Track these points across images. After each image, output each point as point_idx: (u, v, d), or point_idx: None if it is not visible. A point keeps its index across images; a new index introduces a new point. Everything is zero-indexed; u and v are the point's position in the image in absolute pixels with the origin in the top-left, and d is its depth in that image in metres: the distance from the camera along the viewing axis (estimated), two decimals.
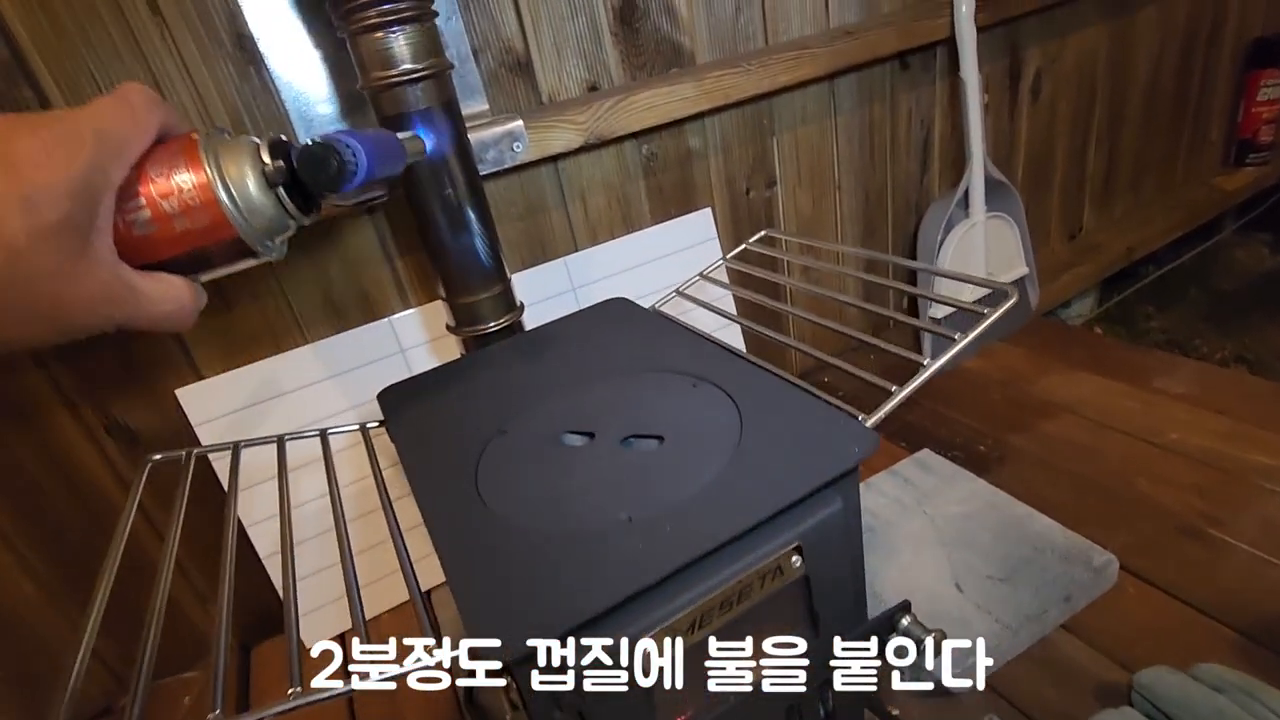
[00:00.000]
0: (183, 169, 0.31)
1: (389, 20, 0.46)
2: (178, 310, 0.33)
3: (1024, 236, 1.00)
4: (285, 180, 0.34)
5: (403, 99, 0.49)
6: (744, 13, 0.80)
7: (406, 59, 0.48)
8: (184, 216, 0.31)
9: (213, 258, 0.34)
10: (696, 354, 0.47)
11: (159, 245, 0.32)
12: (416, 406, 0.48)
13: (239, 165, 0.32)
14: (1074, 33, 1.08)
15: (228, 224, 0.32)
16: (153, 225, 0.31)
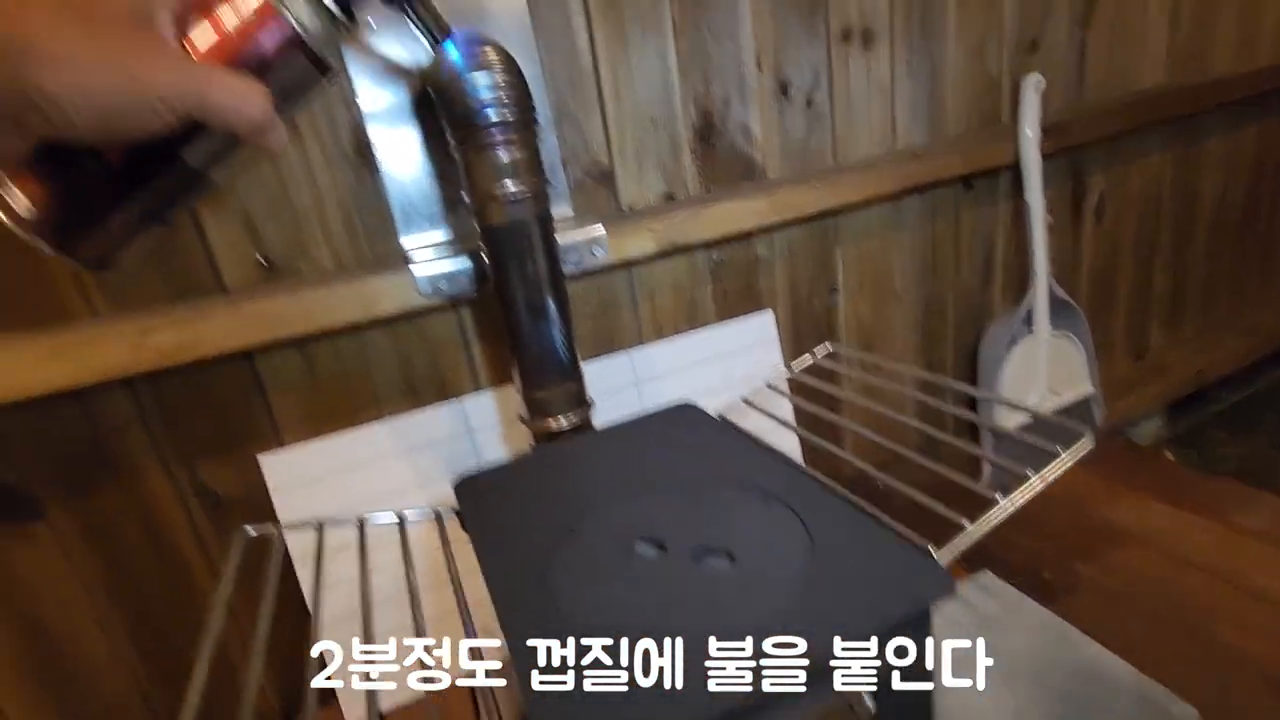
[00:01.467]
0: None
1: (500, 143, 0.51)
2: (246, 89, 0.33)
3: (1089, 355, 0.99)
4: None
5: (504, 212, 0.53)
6: (814, 134, 0.84)
7: (510, 178, 0.52)
8: (239, 21, 0.34)
9: (270, 60, 0.35)
10: (764, 468, 0.48)
11: (219, 51, 0.34)
12: (491, 499, 0.50)
13: None
14: (1138, 160, 1.10)
15: (275, 13, 0.34)
16: (211, 34, 0.34)
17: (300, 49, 0.35)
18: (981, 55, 0.93)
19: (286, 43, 0.35)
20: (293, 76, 0.36)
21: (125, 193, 0.35)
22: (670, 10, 0.73)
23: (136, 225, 0.36)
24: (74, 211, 0.34)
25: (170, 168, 0.35)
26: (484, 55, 0.52)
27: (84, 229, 0.35)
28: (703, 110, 0.78)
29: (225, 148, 0.36)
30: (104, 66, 0.29)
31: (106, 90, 0.29)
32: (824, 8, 0.81)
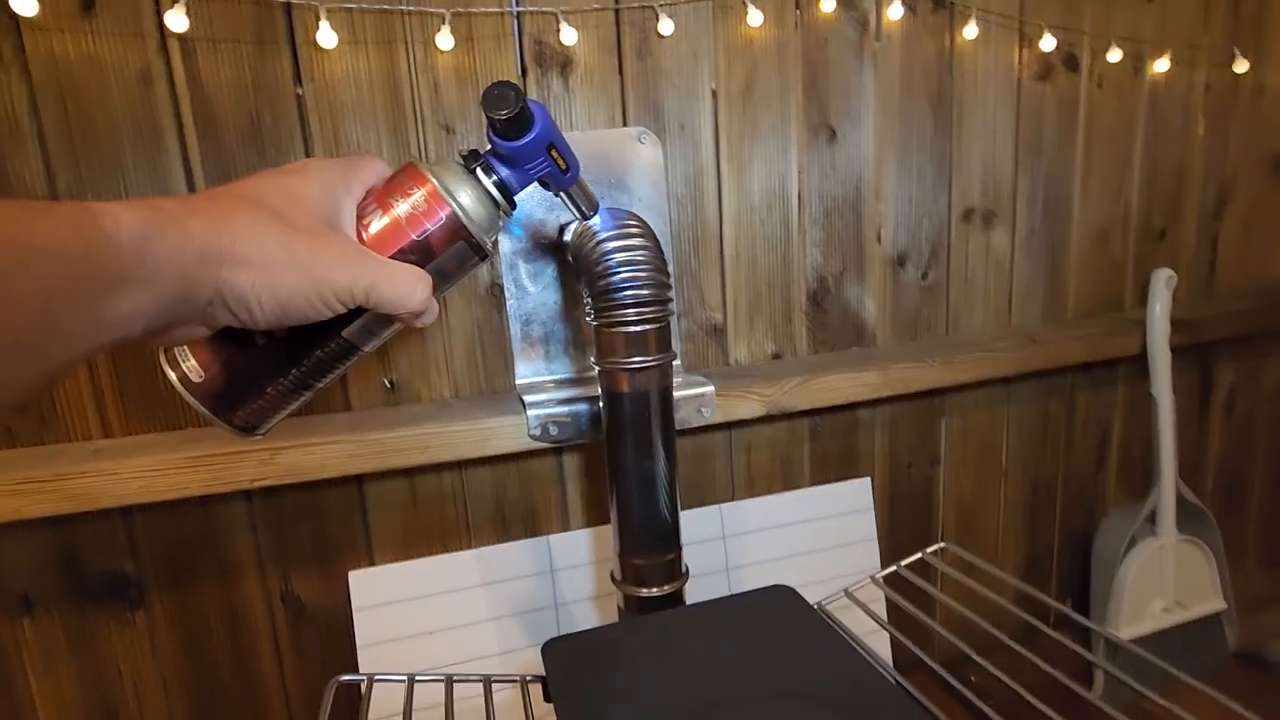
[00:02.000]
0: (409, 184, 0.37)
1: (635, 320, 0.53)
2: (413, 282, 0.35)
3: (1221, 568, 0.90)
4: (485, 167, 0.39)
5: (630, 381, 0.54)
6: (928, 306, 0.84)
7: (642, 352, 0.54)
8: (412, 212, 0.37)
9: (435, 246, 0.37)
10: (861, 686, 0.44)
11: (392, 238, 0.37)
12: (579, 674, 0.48)
13: (451, 170, 0.38)
14: (1274, 355, 1.04)
15: (446, 206, 0.37)
16: (385, 222, 0.37)
17: (463, 237, 0.38)
18: (1106, 241, 0.92)
19: (451, 232, 0.38)
20: (454, 260, 0.38)
21: (286, 366, 0.37)
22: (798, 185, 0.76)
23: (289, 396, 0.39)
24: (238, 382, 0.36)
25: (330, 343, 0.38)
26: (626, 230, 0.55)
27: (244, 398, 0.37)
28: (819, 276, 0.79)
29: (379, 324, 0.39)
30: (292, 270, 0.32)
31: (290, 289, 0.32)
32: (947, 187, 0.82)
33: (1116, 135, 0.89)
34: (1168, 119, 0.92)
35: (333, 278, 0.33)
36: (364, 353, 0.40)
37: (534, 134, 0.38)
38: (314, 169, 0.36)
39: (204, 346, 0.36)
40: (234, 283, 0.30)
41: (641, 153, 0.70)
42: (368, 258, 0.35)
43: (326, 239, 0.34)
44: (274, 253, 0.31)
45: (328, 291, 0.33)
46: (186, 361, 0.36)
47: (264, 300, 0.31)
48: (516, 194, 0.41)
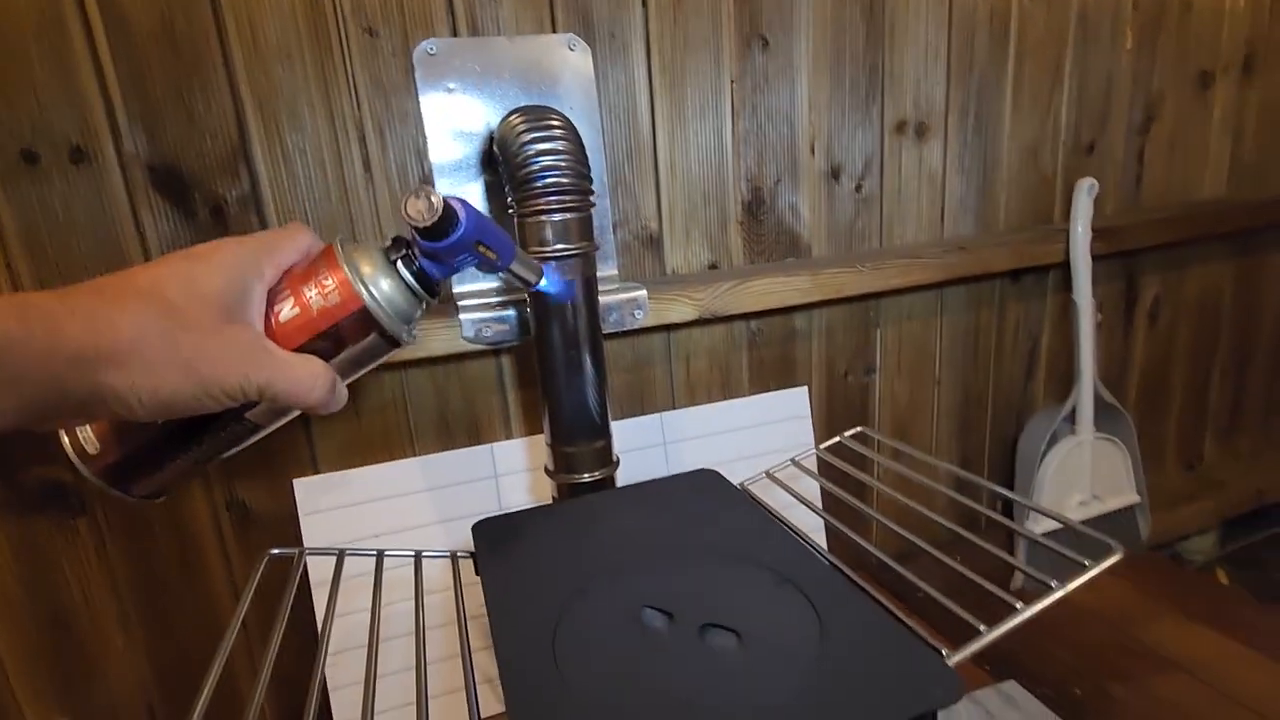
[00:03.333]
0: (324, 271, 0.36)
1: (556, 209, 0.54)
2: (311, 381, 0.34)
3: (1135, 463, 0.95)
4: (407, 258, 0.38)
5: (555, 270, 0.56)
6: (862, 217, 0.86)
7: (563, 240, 0.55)
8: (324, 303, 0.35)
9: (346, 337, 0.36)
10: (781, 547, 0.47)
11: (302, 329, 0.36)
12: (507, 547, 0.50)
13: (369, 258, 0.37)
14: (1196, 266, 1.08)
15: (358, 300, 0.36)
16: (295, 311, 0.35)
17: (376, 330, 0.37)
18: (1036, 155, 0.94)
19: (363, 325, 0.37)
20: (366, 351, 0.38)
21: (185, 445, 0.37)
22: (730, 94, 0.77)
23: (190, 469, 0.38)
24: (134, 458, 0.36)
25: (231, 426, 0.37)
26: (548, 126, 0.55)
27: (141, 473, 0.37)
28: (754, 187, 0.80)
29: (285, 410, 0.38)
30: (175, 370, 0.30)
31: (174, 389, 0.31)
32: (879, 98, 0.84)
33: (1046, 49, 0.91)
34: (1097, 33, 0.94)
35: (221, 378, 0.32)
36: (269, 430, 0.39)
37: (459, 235, 0.37)
38: (223, 252, 0.34)
39: (101, 423, 0.35)
40: (112, 384, 0.29)
41: (571, 60, 0.70)
42: (263, 354, 0.33)
43: (220, 335, 0.32)
44: (157, 353, 0.30)
45: (216, 390, 0.32)
46: (83, 431, 0.35)
47: (144, 399, 0.30)
48: (439, 284, 0.40)
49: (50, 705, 0.67)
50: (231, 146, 0.63)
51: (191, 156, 0.62)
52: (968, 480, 0.57)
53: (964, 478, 0.58)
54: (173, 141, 0.61)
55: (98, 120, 0.59)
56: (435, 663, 0.71)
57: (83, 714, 0.68)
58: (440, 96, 0.65)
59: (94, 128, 0.59)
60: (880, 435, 0.65)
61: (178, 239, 0.63)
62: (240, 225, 0.64)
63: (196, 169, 0.62)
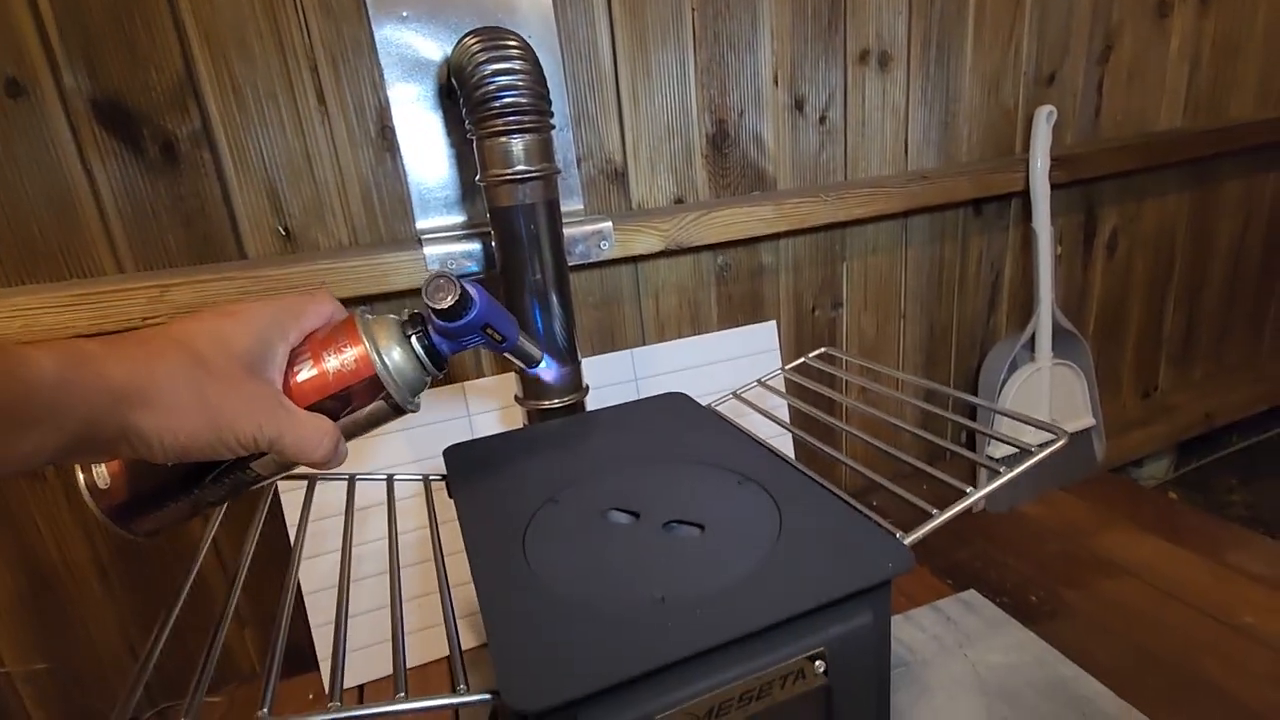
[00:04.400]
0: (344, 339, 0.39)
1: (514, 129, 0.54)
2: (319, 438, 0.37)
3: (1091, 387, 0.99)
4: (420, 334, 0.42)
5: (514, 193, 0.55)
6: (826, 149, 0.86)
7: (522, 162, 0.55)
8: (340, 369, 0.39)
9: (355, 400, 0.40)
10: (745, 454, 0.49)
11: (317, 389, 0.39)
12: (477, 467, 0.51)
13: (386, 331, 0.41)
14: (1153, 197, 1.11)
15: (371, 369, 0.39)
16: (314, 373, 0.39)
17: (384, 398, 0.40)
18: (997, 87, 0.94)
19: (373, 390, 0.40)
20: (371, 414, 0.41)
21: (191, 488, 0.39)
22: (691, 21, 0.76)
23: (190, 512, 0.40)
24: (142, 498, 0.38)
25: (234, 474, 0.39)
26: (503, 45, 0.54)
27: (146, 512, 0.39)
28: (718, 119, 0.80)
29: (289, 464, 0.40)
30: (196, 413, 0.33)
31: (193, 434, 0.33)
32: (842, 28, 0.83)
33: None
34: None
35: (238, 427, 0.34)
36: (271, 480, 0.42)
37: (471, 317, 0.41)
38: (255, 314, 0.37)
39: (116, 461, 0.37)
40: (139, 425, 0.31)
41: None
42: (279, 409, 0.36)
43: (242, 388, 0.35)
44: (185, 399, 0.33)
45: (230, 439, 0.34)
46: (97, 468, 0.37)
47: (166, 442, 0.32)
48: (446, 359, 0.43)
49: (31, 654, 0.68)
50: (178, 79, 0.61)
51: (136, 91, 0.60)
52: (933, 390, 0.59)
53: (928, 386, 0.60)
54: (115, 75, 0.59)
55: (33, 51, 0.57)
56: (412, 599, 0.72)
57: (65, 660, 0.68)
58: (394, 25, 0.63)
59: (30, 59, 0.57)
60: (846, 355, 0.66)
61: (128, 178, 0.61)
62: (193, 163, 0.63)
63: (143, 104, 0.60)
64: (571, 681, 0.30)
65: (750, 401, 0.61)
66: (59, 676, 0.68)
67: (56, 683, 0.68)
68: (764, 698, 0.33)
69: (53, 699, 0.69)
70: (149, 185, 0.62)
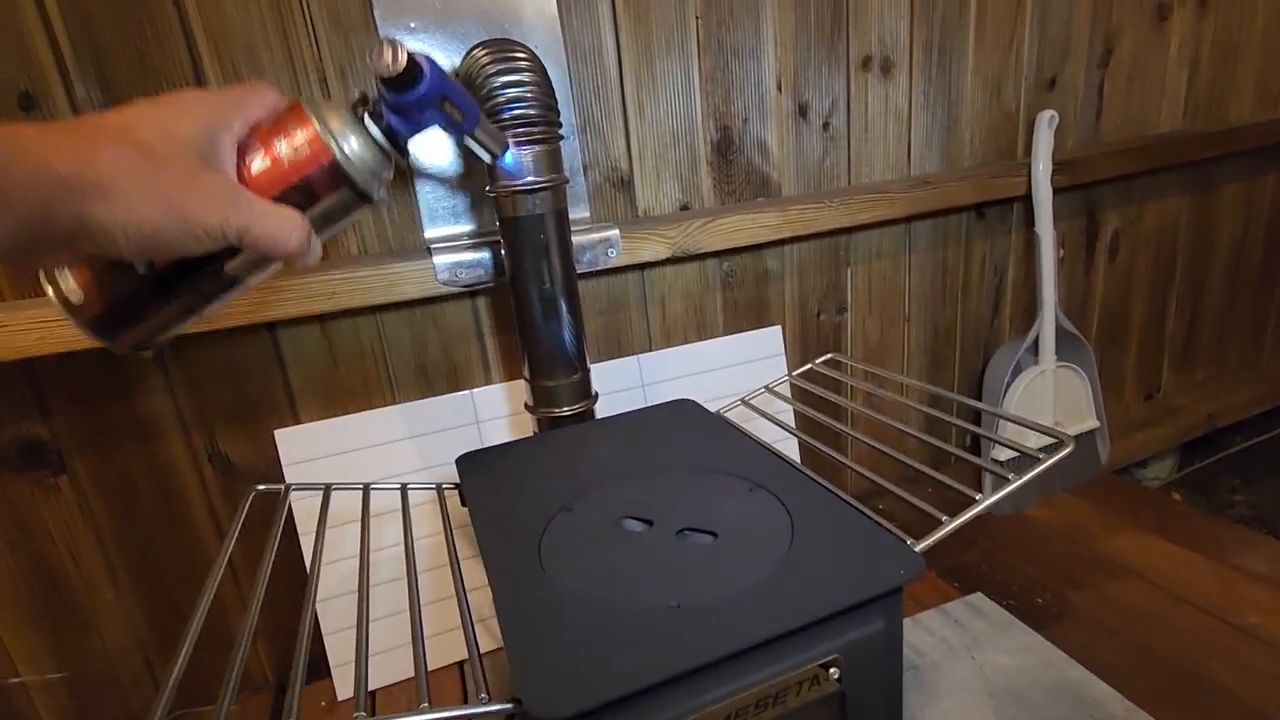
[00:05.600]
0: (293, 125, 0.36)
1: (523, 140, 0.54)
2: (288, 227, 0.35)
3: (1095, 390, 0.99)
4: (375, 115, 0.38)
5: (522, 204, 0.56)
6: (830, 155, 0.87)
7: (532, 172, 0.55)
8: (294, 156, 0.36)
9: (318, 191, 0.37)
10: (756, 461, 0.49)
11: (274, 181, 0.36)
12: (491, 474, 0.52)
13: (338, 115, 0.37)
14: (1154, 200, 1.11)
15: (328, 153, 0.36)
16: (266, 163, 0.36)
17: (347, 184, 0.37)
18: (999, 91, 0.95)
19: (334, 179, 0.37)
20: (338, 206, 0.38)
21: (167, 294, 0.37)
22: (695, 29, 0.76)
23: (173, 321, 0.39)
24: (118, 307, 0.37)
25: (211, 275, 0.37)
26: (512, 57, 0.55)
27: (125, 322, 0.37)
28: (722, 126, 0.81)
29: (264, 262, 0.39)
30: (156, 204, 0.31)
31: (157, 226, 0.31)
32: (844, 34, 0.84)
33: None
34: None
35: (202, 217, 0.32)
36: (249, 285, 0.40)
37: (424, 89, 0.38)
38: (192, 102, 0.34)
39: (83, 269, 0.36)
40: (97, 218, 0.30)
41: None
42: (241, 199, 0.34)
43: (198, 177, 0.33)
44: (138, 188, 0.31)
45: (198, 230, 0.32)
46: (66, 282, 0.35)
47: (130, 235, 0.31)
48: (408, 142, 0.40)
49: (45, 664, 0.68)
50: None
51: None
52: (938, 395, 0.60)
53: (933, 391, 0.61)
54: (127, 86, 0.60)
55: (45, 64, 0.57)
56: (429, 604, 0.73)
57: (79, 669, 0.69)
58: (402, 36, 0.64)
59: (42, 71, 0.57)
60: (852, 360, 0.66)
61: None
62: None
63: None
64: (591, 689, 0.30)
65: (758, 407, 0.62)
66: (74, 685, 0.69)
67: (72, 692, 0.69)
68: (779, 704, 0.33)
69: (68, 708, 0.69)
70: None
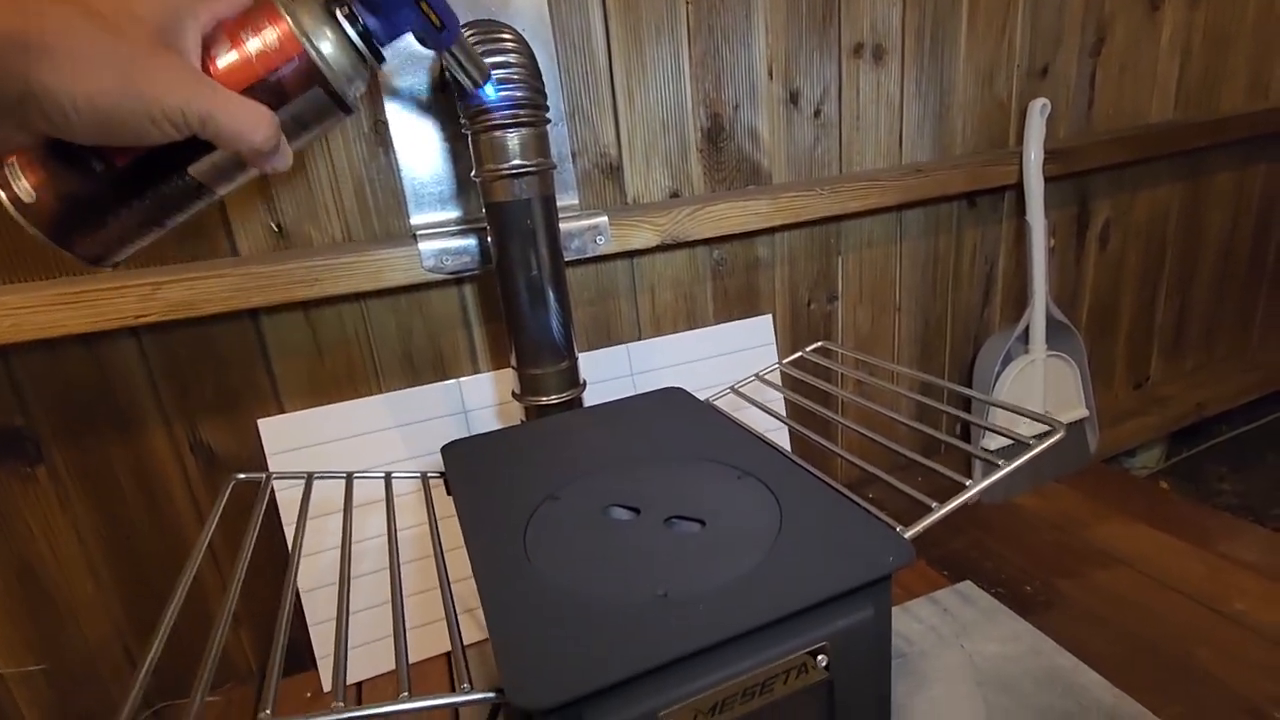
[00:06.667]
0: (263, 19, 0.35)
1: (510, 124, 0.53)
2: (255, 119, 0.33)
3: (1085, 379, 0.99)
4: (350, 16, 0.37)
5: (509, 189, 0.55)
6: (822, 143, 0.86)
7: (518, 156, 0.54)
8: (263, 49, 0.34)
9: (288, 90, 0.35)
10: (744, 449, 0.49)
11: (240, 75, 0.34)
12: (476, 463, 0.51)
13: (311, 11, 0.36)
14: (1145, 189, 1.11)
15: (299, 46, 0.35)
16: (234, 56, 0.34)
17: (320, 84, 0.36)
18: (991, 80, 0.95)
19: (306, 76, 0.35)
20: (310, 108, 0.37)
21: (127, 198, 0.35)
22: (686, 15, 0.75)
23: (135, 230, 0.37)
24: (74, 208, 0.34)
25: (174, 179, 0.36)
26: (498, 39, 0.54)
27: (83, 226, 0.35)
28: (712, 113, 0.80)
29: (231, 165, 0.37)
30: (109, 73, 0.29)
31: (107, 96, 0.29)
32: (836, 21, 0.83)
33: None
34: None
35: (161, 97, 0.30)
36: (216, 195, 0.38)
37: None
38: None
39: (37, 168, 0.34)
40: (45, 81, 0.28)
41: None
42: (204, 85, 0.32)
43: (160, 55, 0.31)
44: (92, 54, 0.29)
45: (156, 111, 0.30)
46: (18, 181, 0.33)
47: (80, 106, 0.29)
48: (384, 46, 0.38)
49: (24, 657, 0.67)
50: None
51: None
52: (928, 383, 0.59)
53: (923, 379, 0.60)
54: None
55: None
56: (410, 596, 0.72)
57: (59, 662, 0.68)
58: None
59: None
60: (842, 349, 0.66)
61: None
62: None
63: None
64: (577, 679, 0.29)
65: (748, 396, 0.61)
66: (54, 677, 0.68)
67: (51, 684, 0.68)
68: (767, 692, 0.33)
69: (48, 700, 0.68)
70: None
